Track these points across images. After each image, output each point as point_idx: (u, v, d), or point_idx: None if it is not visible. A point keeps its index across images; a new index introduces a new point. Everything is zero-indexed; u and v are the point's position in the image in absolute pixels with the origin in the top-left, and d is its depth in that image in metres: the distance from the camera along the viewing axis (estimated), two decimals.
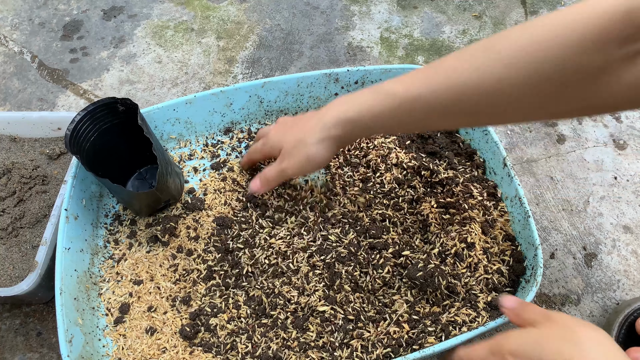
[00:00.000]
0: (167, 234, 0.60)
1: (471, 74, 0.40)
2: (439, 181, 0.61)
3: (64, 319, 0.49)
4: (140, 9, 0.98)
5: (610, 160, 0.75)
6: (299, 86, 0.69)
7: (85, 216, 0.60)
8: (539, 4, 0.97)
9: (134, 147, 0.60)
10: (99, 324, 0.55)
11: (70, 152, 0.53)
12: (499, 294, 0.54)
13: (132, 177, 0.66)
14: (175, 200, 0.63)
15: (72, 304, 0.52)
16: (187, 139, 0.70)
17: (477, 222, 0.58)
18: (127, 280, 0.58)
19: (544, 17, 0.38)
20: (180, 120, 0.68)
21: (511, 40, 0.38)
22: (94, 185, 0.63)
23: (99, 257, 0.60)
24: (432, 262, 0.54)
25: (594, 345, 0.35)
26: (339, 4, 0.99)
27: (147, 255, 0.60)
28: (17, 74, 0.87)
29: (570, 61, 0.35)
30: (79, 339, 0.51)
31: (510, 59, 0.38)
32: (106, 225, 0.63)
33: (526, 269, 0.55)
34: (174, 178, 0.61)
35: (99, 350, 0.53)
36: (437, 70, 0.43)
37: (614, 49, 0.34)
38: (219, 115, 0.69)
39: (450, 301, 0.53)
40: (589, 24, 0.34)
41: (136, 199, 0.59)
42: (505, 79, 0.38)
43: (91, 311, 0.55)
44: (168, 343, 0.53)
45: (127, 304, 0.56)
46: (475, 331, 0.48)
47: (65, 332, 0.49)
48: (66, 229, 0.55)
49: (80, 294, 0.55)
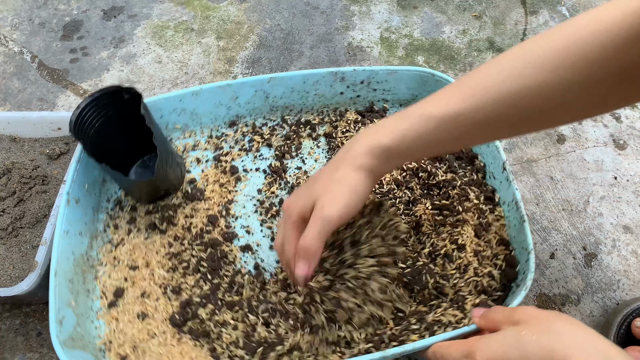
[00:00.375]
0: (165, 222, 0.61)
1: (512, 82, 0.38)
2: (436, 183, 0.61)
3: (56, 300, 0.50)
4: (140, 9, 0.98)
5: (610, 160, 0.75)
6: (305, 83, 0.69)
7: (86, 200, 0.61)
8: (539, 4, 0.97)
9: (137, 136, 0.60)
10: (93, 306, 0.56)
11: (74, 136, 0.54)
12: (488, 297, 0.53)
13: (136, 165, 0.67)
14: (175, 189, 0.63)
15: (66, 285, 0.53)
16: (192, 130, 0.71)
17: (470, 225, 0.57)
18: (123, 265, 0.59)
19: (577, 19, 0.37)
20: (186, 110, 0.68)
21: (549, 43, 0.37)
22: (97, 171, 0.64)
23: (98, 240, 0.61)
24: (421, 260, 0.54)
25: (571, 329, 0.35)
26: (339, 4, 0.99)
27: (144, 242, 0.61)
28: (17, 74, 0.87)
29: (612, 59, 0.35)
30: (70, 320, 0.51)
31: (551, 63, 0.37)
32: (107, 210, 0.64)
33: (519, 273, 0.55)
34: (175, 168, 0.61)
35: (91, 332, 0.54)
36: (472, 84, 0.41)
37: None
38: (225, 108, 0.70)
39: (438, 301, 0.53)
40: (626, 22, 0.34)
41: (135, 186, 0.60)
42: (548, 84, 0.37)
43: (86, 293, 0.56)
44: (157, 329, 0.54)
45: (122, 289, 0.57)
46: (459, 330, 0.47)
47: (56, 313, 0.49)
48: (66, 212, 0.56)
49: (76, 276, 0.55)
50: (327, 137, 0.70)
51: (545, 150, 0.76)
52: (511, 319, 0.39)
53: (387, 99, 0.72)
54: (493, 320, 0.42)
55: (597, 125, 0.79)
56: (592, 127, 0.79)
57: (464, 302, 0.52)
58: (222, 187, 0.65)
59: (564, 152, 0.76)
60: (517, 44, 0.91)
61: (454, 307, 0.52)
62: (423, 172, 0.62)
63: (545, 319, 0.37)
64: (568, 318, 0.37)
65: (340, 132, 0.69)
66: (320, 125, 0.72)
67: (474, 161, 0.66)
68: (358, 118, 0.70)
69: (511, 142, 0.77)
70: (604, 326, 0.57)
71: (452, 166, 0.64)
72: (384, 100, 0.72)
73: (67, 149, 0.68)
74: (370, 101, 0.72)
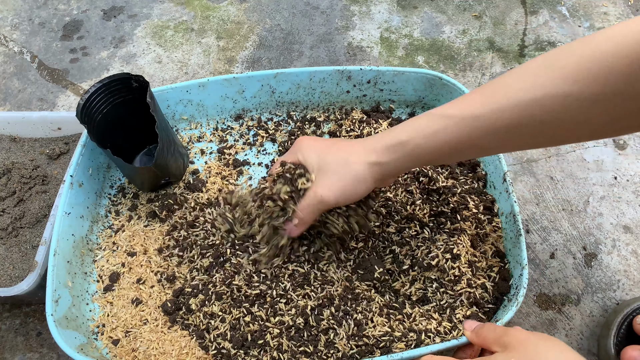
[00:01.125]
0: (164, 211, 0.62)
1: (536, 91, 0.38)
2: (436, 189, 0.61)
3: (53, 280, 0.51)
4: (140, 9, 0.98)
5: (610, 160, 0.75)
6: (311, 80, 0.69)
7: (90, 184, 0.62)
8: (539, 4, 0.97)
9: (144, 124, 0.61)
10: (89, 289, 0.57)
11: (80, 121, 0.55)
12: (480, 309, 0.53)
13: (142, 153, 0.68)
14: (177, 179, 0.64)
15: (64, 266, 0.54)
16: (198, 122, 0.72)
17: (467, 235, 0.57)
18: (122, 250, 0.60)
19: (603, 32, 0.37)
20: (193, 102, 0.69)
21: (575, 54, 0.37)
22: (102, 156, 0.65)
23: (99, 225, 0.62)
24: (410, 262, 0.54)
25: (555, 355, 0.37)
26: (339, 4, 0.99)
27: (144, 229, 0.62)
28: (17, 74, 0.87)
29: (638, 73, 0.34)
30: (66, 300, 0.53)
31: (575, 74, 0.36)
32: (110, 196, 0.65)
33: (511, 287, 0.54)
34: (177, 158, 0.62)
35: (85, 314, 0.55)
36: (494, 89, 0.41)
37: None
38: (231, 101, 0.70)
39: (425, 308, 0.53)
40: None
41: (134, 173, 0.61)
42: (572, 95, 0.36)
43: (83, 276, 0.57)
44: (150, 316, 0.55)
45: (118, 273, 0.58)
46: (449, 343, 0.48)
47: (53, 292, 0.51)
48: (69, 194, 0.57)
49: (75, 258, 0.57)
50: (331, 135, 0.70)
51: (545, 150, 0.76)
52: (501, 341, 0.41)
53: (393, 100, 0.72)
54: (485, 338, 0.44)
55: None
56: None
57: (453, 313, 0.52)
58: (223, 180, 0.66)
59: (564, 152, 0.76)
60: (516, 44, 0.91)
61: (443, 318, 0.52)
62: (424, 176, 0.62)
63: (533, 343, 0.38)
64: (554, 342, 0.39)
65: (345, 131, 0.69)
66: (325, 123, 0.72)
67: (476, 169, 0.65)
68: (364, 117, 0.70)
69: None
70: (604, 326, 0.57)
71: (454, 172, 0.64)
72: (391, 100, 0.72)
73: (67, 149, 0.68)
74: (376, 101, 0.72)
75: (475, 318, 0.51)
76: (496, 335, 0.42)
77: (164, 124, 0.59)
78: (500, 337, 0.41)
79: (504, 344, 0.40)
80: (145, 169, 0.59)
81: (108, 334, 0.54)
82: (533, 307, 0.62)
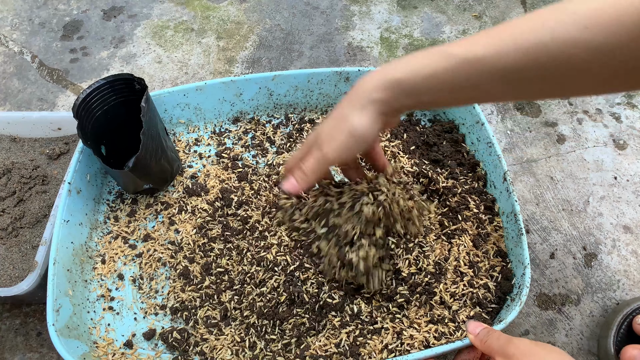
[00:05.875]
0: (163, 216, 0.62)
1: (544, 35, 0.36)
2: (436, 190, 0.61)
3: (54, 289, 0.51)
4: (140, 9, 0.98)
5: (610, 160, 0.75)
6: (309, 82, 0.69)
7: (88, 191, 0.62)
8: (538, 4, 0.97)
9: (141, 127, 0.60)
10: (89, 296, 0.57)
11: (74, 115, 0.55)
12: (483, 309, 0.53)
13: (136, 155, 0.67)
14: (162, 185, 0.63)
15: (64, 274, 0.54)
16: (196, 125, 0.71)
17: (469, 235, 0.57)
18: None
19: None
20: (190, 105, 0.69)
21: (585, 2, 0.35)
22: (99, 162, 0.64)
23: (98, 232, 0.62)
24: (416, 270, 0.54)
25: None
26: (339, 4, 0.99)
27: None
28: (17, 74, 0.87)
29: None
30: (67, 309, 0.53)
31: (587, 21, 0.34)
32: (108, 202, 0.65)
33: (514, 287, 0.54)
34: (163, 165, 0.61)
35: (87, 322, 0.55)
36: (502, 31, 0.38)
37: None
38: (228, 104, 0.70)
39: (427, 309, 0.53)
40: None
41: (116, 174, 0.60)
42: (581, 42, 0.35)
43: (83, 284, 0.57)
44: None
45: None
46: (453, 345, 0.48)
47: (53, 302, 0.50)
48: (67, 202, 0.57)
49: (74, 266, 0.56)
50: None
51: (545, 150, 0.76)
52: (505, 351, 0.41)
53: None
54: (489, 346, 0.44)
55: (597, 125, 0.79)
56: (592, 127, 0.79)
57: (457, 314, 0.52)
58: (222, 184, 0.66)
59: (564, 152, 0.76)
60: None
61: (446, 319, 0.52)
62: (424, 177, 0.62)
63: (536, 354, 0.38)
64: (558, 354, 0.38)
65: None
66: None
67: (476, 168, 0.65)
68: None
69: (511, 142, 0.77)
70: (604, 326, 0.57)
71: (454, 172, 0.64)
72: None
73: (67, 149, 0.68)
74: None
75: (479, 318, 0.51)
76: (500, 344, 0.42)
77: (154, 130, 0.58)
78: (504, 346, 0.41)
79: (507, 354, 0.40)
80: (123, 173, 0.58)
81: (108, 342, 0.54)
82: (533, 307, 0.62)
